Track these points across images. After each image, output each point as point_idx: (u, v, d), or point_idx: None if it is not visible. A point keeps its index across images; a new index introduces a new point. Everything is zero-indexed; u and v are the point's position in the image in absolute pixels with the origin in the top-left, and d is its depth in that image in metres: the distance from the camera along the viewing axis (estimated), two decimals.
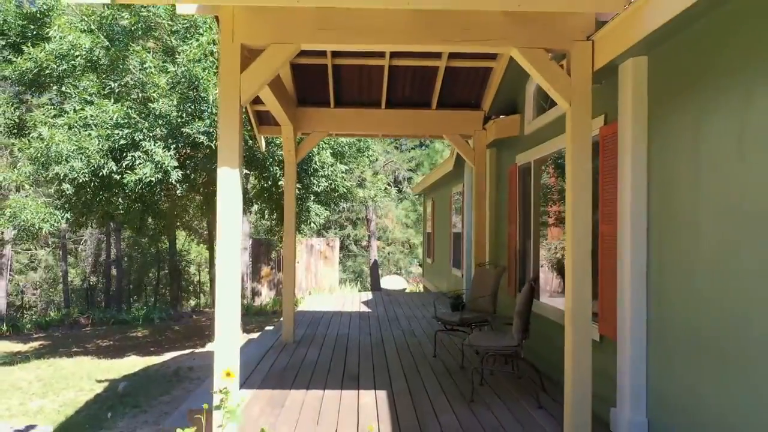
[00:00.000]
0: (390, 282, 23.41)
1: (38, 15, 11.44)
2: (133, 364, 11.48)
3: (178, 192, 10.42)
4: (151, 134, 9.66)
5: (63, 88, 10.71)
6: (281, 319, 10.85)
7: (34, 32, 11.36)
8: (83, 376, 10.50)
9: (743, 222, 3.20)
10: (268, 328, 9.70)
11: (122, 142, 9.54)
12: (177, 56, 9.92)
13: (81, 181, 9.67)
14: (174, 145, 9.81)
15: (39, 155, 9.67)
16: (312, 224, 12.32)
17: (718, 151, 3.42)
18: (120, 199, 10.67)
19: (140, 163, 9.52)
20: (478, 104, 8.42)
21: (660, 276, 4.08)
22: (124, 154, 9.68)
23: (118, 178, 9.69)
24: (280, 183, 11.31)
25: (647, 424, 4.19)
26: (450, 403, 5.26)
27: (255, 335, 11.67)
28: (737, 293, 3.24)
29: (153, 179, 9.57)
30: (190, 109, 9.53)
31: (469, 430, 4.58)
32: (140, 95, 10.01)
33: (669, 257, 3.97)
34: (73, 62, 10.39)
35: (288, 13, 4.36)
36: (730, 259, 3.30)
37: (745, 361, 3.16)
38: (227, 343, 4.19)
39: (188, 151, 10.49)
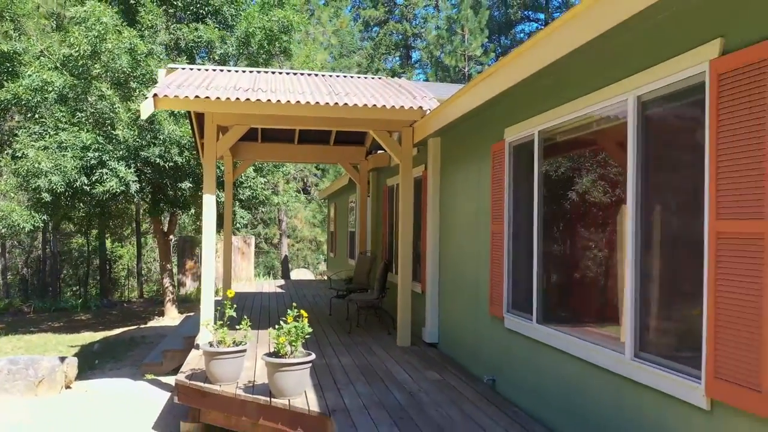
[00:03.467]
0: (298, 274, 26.85)
1: (11, 53, 14.01)
2: (91, 336, 14.28)
3: (135, 200, 13.39)
4: (115, 156, 12.65)
5: (36, 116, 13.43)
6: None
7: (9, 68, 13.96)
8: (56, 344, 13.26)
9: (462, 227, 7.01)
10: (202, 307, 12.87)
11: (93, 162, 12.47)
12: (135, 98, 12.94)
13: (58, 191, 12.52)
14: (134, 164, 12.85)
15: (22, 170, 12.42)
16: (238, 225, 15.57)
17: (456, 192, 7.22)
18: (82, 205, 13.54)
19: (107, 178, 12.48)
20: (362, 142, 12.08)
21: (443, 255, 7.86)
22: (94, 171, 12.61)
23: (88, 189, 12.60)
24: None
25: (438, 333, 7.97)
26: (337, 334, 8.86)
27: (191, 314, 14.74)
28: (462, 261, 7.04)
29: (117, 190, 12.58)
30: (148, 138, 12.62)
31: (344, 344, 8.20)
32: (107, 124, 12.92)
33: (446, 246, 7.75)
34: (45, 96, 13.15)
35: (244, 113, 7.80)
36: (462, 245, 7.09)
37: (463, 291, 6.96)
38: (209, 293, 7.57)
39: (140, 167, 13.49)
